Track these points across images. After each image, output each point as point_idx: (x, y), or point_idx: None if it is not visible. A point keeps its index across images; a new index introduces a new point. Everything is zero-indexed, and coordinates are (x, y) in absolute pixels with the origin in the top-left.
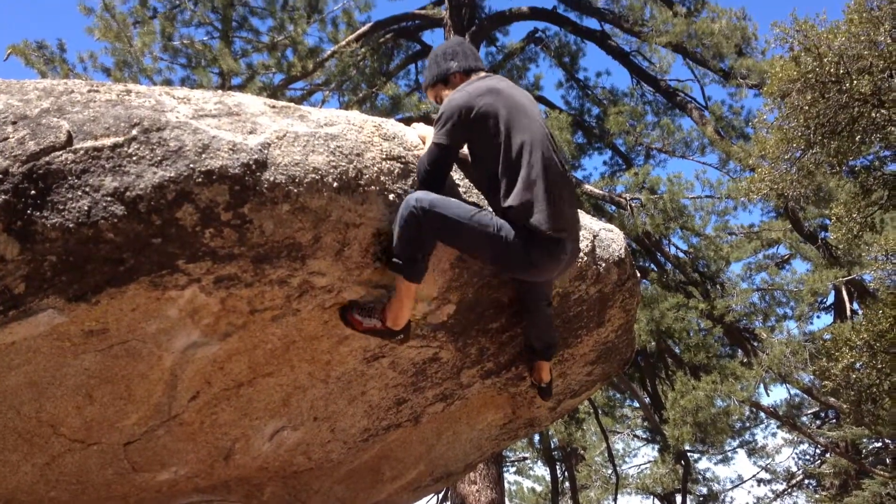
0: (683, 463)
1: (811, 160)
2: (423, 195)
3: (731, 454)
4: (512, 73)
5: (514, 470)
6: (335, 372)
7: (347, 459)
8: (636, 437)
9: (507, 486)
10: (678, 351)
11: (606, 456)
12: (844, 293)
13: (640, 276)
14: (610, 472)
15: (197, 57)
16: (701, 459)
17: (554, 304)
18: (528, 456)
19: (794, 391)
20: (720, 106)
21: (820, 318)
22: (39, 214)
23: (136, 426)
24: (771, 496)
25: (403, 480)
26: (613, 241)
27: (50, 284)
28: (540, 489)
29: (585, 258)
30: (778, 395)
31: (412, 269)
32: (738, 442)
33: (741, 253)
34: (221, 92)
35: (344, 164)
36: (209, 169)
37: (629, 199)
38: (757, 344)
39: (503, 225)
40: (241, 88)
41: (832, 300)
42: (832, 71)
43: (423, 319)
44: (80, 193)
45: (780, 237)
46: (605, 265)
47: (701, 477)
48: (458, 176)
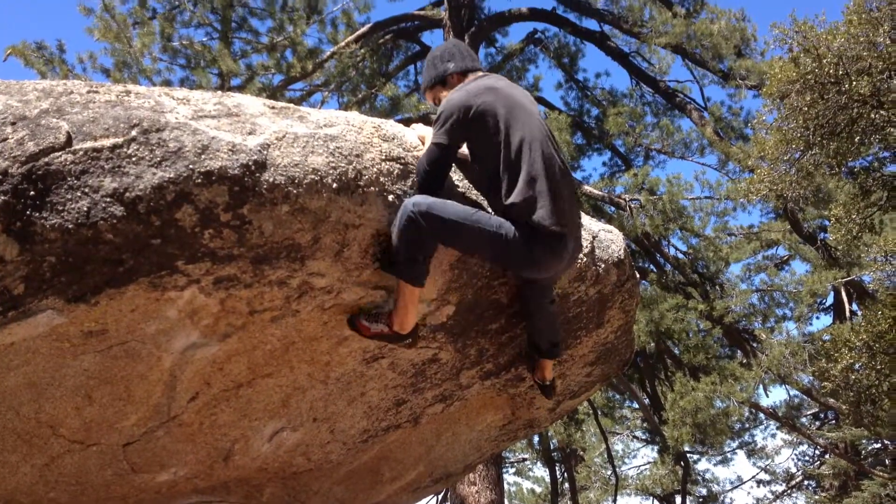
0: (683, 464)
1: (810, 161)
2: (420, 199)
3: (730, 455)
4: (511, 73)
5: (513, 471)
6: (334, 373)
7: (347, 460)
8: (636, 438)
9: (506, 487)
10: (677, 352)
11: (606, 457)
12: (844, 294)
13: (639, 276)
14: (609, 473)
15: (196, 58)
16: (700, 460)
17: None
18: (527, 457)
19: (793, 392)
20: (719, 107)
21: (819, 319)
22: (39, 215)
23: (135, 427)
24: (770, 497)
25: (403, 481)
26: (612, 241)
27: (49, 285)
28: (539, 490)
29: (585, 259)
30: (777, 396)
31: (413, 272)
32: (737, 443)
33: (740, 254)
34: (221, 93)
35: (343, 165)
36: (208, 170)
37: (628, 199)
38: (756, 345)
39: (502, 223)
40: (240, 89)
41: (831, 301)
42: (831, 72)
43: (422, 320)
44: (79, 194)
45: (779, 238)
46: (604, 266)
47: (700, 478)
48: (457, 176)
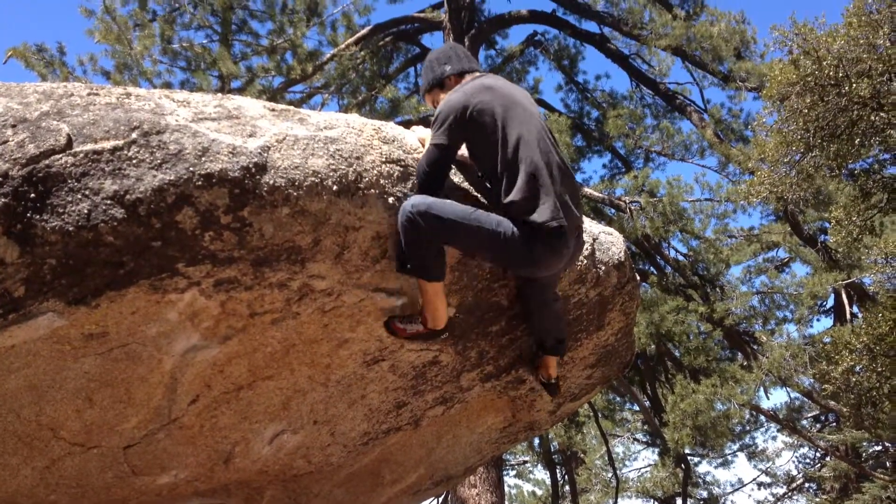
0: (683, 466)
1: (810, 163)
2: (418, 200)
3: (731, 458)
4: (511, 76)
5: (514, 473)
6: (335, 375)
7: (347, 463)
8: (636, 440)
9: (507, 489)
10: (678, 354)
11: (606, 459)
12: (844, 296)
13: (639, 279)
14: (610, 475)
15: (196, 60)
16: (701, 463)
17: None
18: (528, 459)
19: (794, 394)
20: (719, 109)
21: (820, 321)
22: (39, 218)
23: (135, 430)
24: (771, 500)
25: (403, 484)
26: (613, 244)
27: (50, 288)
28: (540, 493)
29: (585, 261)
30: (778, 398)
31: (427, 270)
32: (738, 445)
33: (741, 256)
34: (221, 95)
35: (343, 167)
36: (209, 172)
37: (628, 202)
38: (757, 347)
39: (501, 221)
40: (240, 91)
41: (832, 303)
42: (831, 74)
43: None
44: (79, 196)
45: (779, 240)
46: (604, 268)
47: (701, 480)
48: (458, 178)
